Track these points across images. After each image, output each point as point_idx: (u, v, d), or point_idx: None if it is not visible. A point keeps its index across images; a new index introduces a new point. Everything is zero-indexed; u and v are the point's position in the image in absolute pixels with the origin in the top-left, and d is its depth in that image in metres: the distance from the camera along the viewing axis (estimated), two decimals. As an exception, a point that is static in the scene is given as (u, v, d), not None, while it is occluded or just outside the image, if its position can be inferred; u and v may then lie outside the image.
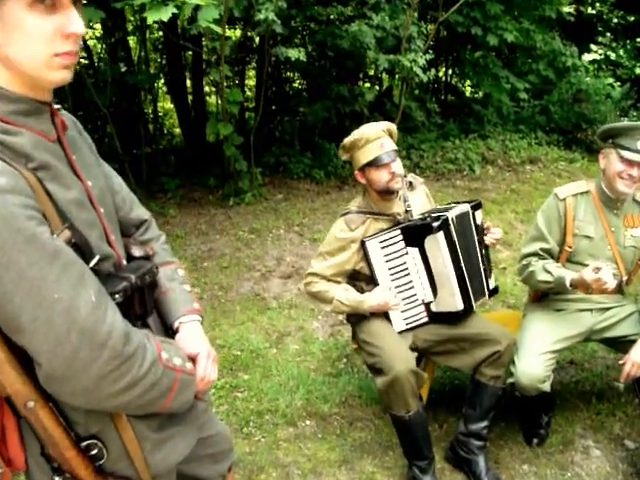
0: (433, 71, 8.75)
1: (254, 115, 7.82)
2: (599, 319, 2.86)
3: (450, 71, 10.20)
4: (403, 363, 2.50)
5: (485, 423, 2.78)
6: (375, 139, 2.65)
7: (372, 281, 2.76)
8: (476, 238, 2.78)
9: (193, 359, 1.52)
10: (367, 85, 9.17)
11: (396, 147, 2.71)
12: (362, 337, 2.77)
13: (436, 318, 2.77)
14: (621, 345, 2.87)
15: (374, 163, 2.64)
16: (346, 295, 2.71)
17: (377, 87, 9.57)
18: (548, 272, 2.70)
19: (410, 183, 2.90)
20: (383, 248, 2.71)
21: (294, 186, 7.02)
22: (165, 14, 4.20)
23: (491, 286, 2.92)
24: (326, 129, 7.85)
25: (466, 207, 2.76)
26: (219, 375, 3.53)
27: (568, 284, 2.60)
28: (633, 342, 2.70)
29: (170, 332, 1.61)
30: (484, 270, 2.83)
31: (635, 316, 2.85)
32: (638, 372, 2.65)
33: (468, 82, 10.38)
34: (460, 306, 2.69)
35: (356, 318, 2.84)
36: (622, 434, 3.16)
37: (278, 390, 3.43)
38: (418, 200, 2.88)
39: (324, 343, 3.93)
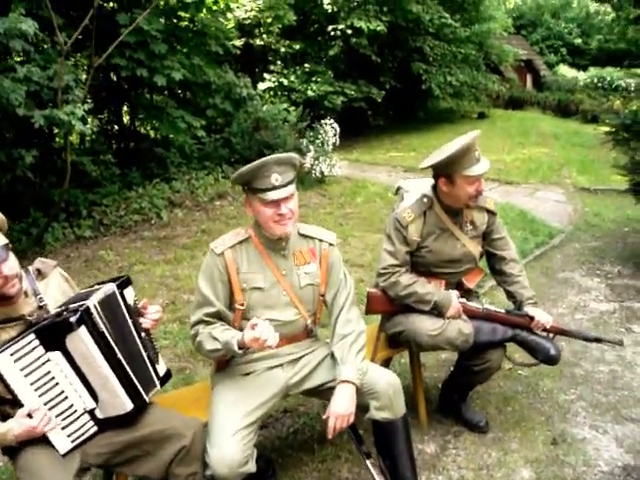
0: (95, 121, 8.26)
1: None
2: (292, 372, 2.60)
3: (130, 116, 9.73)
4: None
5: None
6: None
7: (17, 403, 2.15)
8: (130, 322, 2.33)
9: None
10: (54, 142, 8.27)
11: (7, 241, 2.15)
12: (22, 477, 2.17)
13: (107, 424, 2.26)
14: (322, 394, 2.64)
15: None
16: None
17: (51, 144, 8.70)
18: (215, 339, 2.38)
19: (38, 271, 2.34)
20: (17, 361, 2.09)
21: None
22: None
23: (161, 372, 2.49)
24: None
25: (111, 287, 2.29)
26: None
27: (236, 347, 2.29)
28: (333, 388, 2.48)
29: None
30: (148, 357, 2.40)
31: (328, 360, 2.62)
32: (343, 424, 2.44)
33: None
34: (129, 406, 2.24)
35: (10, 452, 2.23)
36: (350, 476, 3.00)
37: None
38: (54, 288, 2.35)
39: (4, 470, 3.20)
